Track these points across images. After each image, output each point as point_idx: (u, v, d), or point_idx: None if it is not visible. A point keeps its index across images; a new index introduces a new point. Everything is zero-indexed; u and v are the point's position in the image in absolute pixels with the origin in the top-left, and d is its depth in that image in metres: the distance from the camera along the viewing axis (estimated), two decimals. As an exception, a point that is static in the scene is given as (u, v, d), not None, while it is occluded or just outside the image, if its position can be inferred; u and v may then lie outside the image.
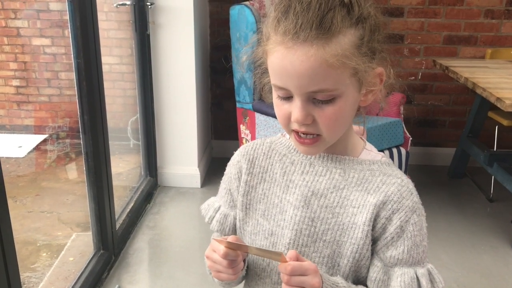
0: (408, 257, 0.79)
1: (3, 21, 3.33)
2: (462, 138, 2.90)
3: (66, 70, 3.41)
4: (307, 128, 0.74)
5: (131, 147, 2.97)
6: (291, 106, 0.74)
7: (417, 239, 0.78)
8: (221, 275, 0.79)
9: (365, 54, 0.72)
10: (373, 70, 0.75)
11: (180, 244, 2.27)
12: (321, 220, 0.80)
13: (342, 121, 0.76)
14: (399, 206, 0.78)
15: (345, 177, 0.80)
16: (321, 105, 0.72)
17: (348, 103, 0.74)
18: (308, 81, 0.70)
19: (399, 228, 0.78)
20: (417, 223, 0.78)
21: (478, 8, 2.91)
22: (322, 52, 0.68)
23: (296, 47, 0.69)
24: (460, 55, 3.02)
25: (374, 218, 0.78)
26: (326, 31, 0.68)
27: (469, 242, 2.35)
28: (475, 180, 2.99)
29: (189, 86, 2.67)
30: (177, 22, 2.57)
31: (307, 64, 0.69)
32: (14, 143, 3.35)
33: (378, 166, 0.81)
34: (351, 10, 0.70)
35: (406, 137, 2.44)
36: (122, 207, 2.42)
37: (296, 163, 0.83)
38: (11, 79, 3.43)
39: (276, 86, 0.74)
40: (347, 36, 0.70)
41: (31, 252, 2.25)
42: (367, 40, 0.72)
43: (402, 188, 0.79)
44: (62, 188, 3.01)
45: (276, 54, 0.71)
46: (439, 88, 3.10)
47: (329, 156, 0.82)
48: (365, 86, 0.75)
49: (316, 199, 0.80)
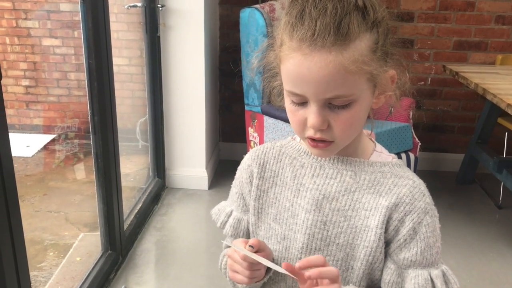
0: (421, 259, 0.78)
1: (14, 22, 3.35)
2: (471, 144, 2.89)
3: (76, 71, 3.42)
4: (322, 135, 0.74)
5: (139, 148, 2.98)
6: (306, 112, 0.73)
7: (430, 241, 0.78)
8: (236, 276, 0.79)
9: (379, 58, 0.72)
10: (386, 73, 0.75)
11: (187, 246, 2.27)
12: (333, 224, 0.80)
13: (357, 125, 0.76)
14: (411, 208, 0.77)
15: (356, 180, 0.80)
16: (336, 110, 0.72)
17: (363, 107, 0.74)
18: (326, 87, 0.69)
19: (412, 230, 0.77)
20: (430, 224, 0.78)
21: (488, 14, 2.90)
22: (340, 58, 0.67)
23: (314, 54, 0.68)
24: (470, 60, 3.00)
25: (387, 220, 0.78)
26: (344, 36, 0.67)
27: (477, 249, 2.33)
28: (484, 186, 2.97)
29: (198, 88, 2.68)
30: (187, 24, 2.58)
31: (325, 70, 0.68)
32: (23, 143, 3.37)
33: (389, 168, 0.81)
34: (366, 14, 0.70)
35: (415, 142, 2.43)
36: (130, 208, 2.43)
37: (306, 166, 0.83)
38: (21, 79, 3.46)
39: (291, 92, 0.73)
40: (363, 41, 0.69)
41: (38, 252, 2.26)
42: (381, 44, 0.72)
43: (414, 190, 0.79)
44: (70, 188, 3.02)
45: (292, 60, 0.70)
46: (449, 94, 3.09)
47: (339, 158, 0.81)
48: (379, 89, 0.75)
49: (328, 203, 0.80)
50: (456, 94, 3.08)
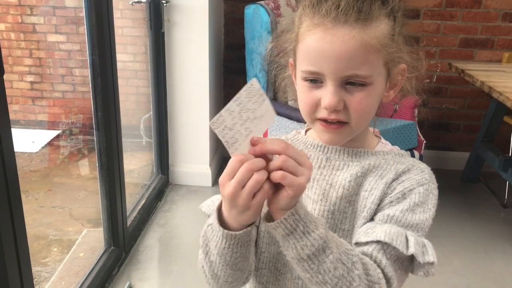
0: (401, 217, 0.73)
1: (20, 17, 3.36)
2: (477, 142, 2.87)
3: (80, 67, 3.43)
4: (337, 115, 0.73)
5: (143, 145, 2.98)
6: (321, 92, 0.73)
7: (418, 209, 0.74)
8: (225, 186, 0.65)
9: (397, 45, 0.74)
10: (398, 65, 0.76)
11: (190, 243, 2.27)
12: (339, 211, 0.79)
13: (370, 109, 0.76)
14: (406, 178, 0.76)
15: (361, 166, 0.79)
16: (352, 91, 0.72)
17: (377, 92, 0.74)
18: (346, 63, 0.70)
19: (401, 194, 0.75)
20: (421, 194, 0.74)
21: (495, 11, 2.88)
22: (363, 34, 0.69)
23: (337, 28, 0.69)
24: (476, 58, 2.98)
25: (383, 196, 0.76)
26: (366, 15, 0.69)
27: (482, 248, 2.32)
28: (489, 185, 2.96)
29: (202, 85, 2.67)
30: (191, 21, 2.57)
31: (348, 45, 0.69)
32: (28, 138, 3.38)
33: (392, 156, 0.81)
34: (385, 0, 0.72)
35: (420, 140, 2.42)
36: (133, 204, 2.43)
37: (313, 158, 0.83)
38: (26, 75, 3.46)
39: (307, 71, 0.73)
40: (383, 24, 0.72)
41: (42, 247, 2.26)
42: (397, 32, 0.74)
43: (413, 167, 0.78)
44: (74, 184, 3.03)
45: (314, 36, 0.71)
46: (454, 92, 3.07)
47: (345, 149, 0.81)
48: (389, 80, 0.76)
49: (335, 191, 0.79)
50: (461, 92, 3.06)
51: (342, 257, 0.66)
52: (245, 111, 0.64)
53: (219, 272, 0.74)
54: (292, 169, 0.61)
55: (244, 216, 0.65)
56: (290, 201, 0.63)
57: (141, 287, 1.96)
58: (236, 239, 0.69)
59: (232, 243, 0.69)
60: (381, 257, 0.71)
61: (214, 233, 0.70)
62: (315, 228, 0.64)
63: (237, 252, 0.70)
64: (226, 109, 0.63)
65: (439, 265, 0.73)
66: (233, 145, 0.64)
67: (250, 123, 0.64)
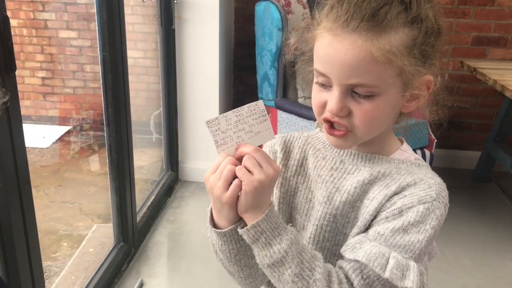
0: (389, 236, 0.70)
1: (32, 14, 3.38)
2: (488, 141, 2.84)
3: (91, 63, 3.45)
4: (340, 120, 0.73)
5: (153, 141, 2.99)
6: (329, 95, 0.73)
7: (412, 229, 0.70)
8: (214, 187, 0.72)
9: (415, 56, 0.70)
10: (422, 76, 0.72)
11: (199, 239, 2.28)
12: (342, 216, 0.79)
13: (379, 120, 0.74)
14: (409, 193, 0.72)
15: (371, 172, 0.78)
16: (359, 100, 0.71)
17: (388, 103, 0.72)
18: (350, 72, 0.69)
19: (398, 210, 0.71)
20: (420, 213, 0.70)
21: (509, 9, 2.84)
22: (369, 45, 0.67)
23: (344, 35, 0.68)
24: (489, 56, 2.95)
25: (381, 207, 0.73)
26: (378, 24, 0.67)
27: (492, 248, 2.30)
28: (501, 185, 2.93)
29: (212, 82, 2.67)
30: (202, 17, 2.57)
31: (351, 54, 0.68)
32: (39, 134, 3.41)
33: (406, 166, 0.78)
34: (408, 8, 0.69)
35: (431, 139, 2.40)
36: (143, 200, 2.44)
37: (328, 158, 0.82)
38: (38, 71, 3.49)
39: (317, 71, 0.74)
40: (399, 34, 0.68)
41: (52, 242, 2.28)
42: (420, 43, 0.70)
43: (421, 182, 0.73)
44: (84, 179, 3.05)
45: (323, 40, 0.71)
46: (466, 90, 3.04)
47: (359, 154, 0.80)
48: (410, 90, 0.73)
49: (339, 195, 0.79)
50: (473, 91, 3.03)
51: (304, 272, 0.70)
52: (242, 123, 0.71)
53: (230, 268, 0.80)
54: (250, 167, 0.69)
55: (223, 212, 0.72)
56: (246, 198, 0.69)
57: (150, 283, 1.96)
58: (227, 236, 0.74)
59: (225, 240, 0.75)
60: (355, 277, 0.71)
61: (210, 233, 0.77)
62: (277, 242, 0.70)
63: (234, 248, 0.75)
64: (223, 115, 0.71)
65: (449, 264, 0.72)
66: (221, 145, 0.72)
67: (243, 133, 0.72)
